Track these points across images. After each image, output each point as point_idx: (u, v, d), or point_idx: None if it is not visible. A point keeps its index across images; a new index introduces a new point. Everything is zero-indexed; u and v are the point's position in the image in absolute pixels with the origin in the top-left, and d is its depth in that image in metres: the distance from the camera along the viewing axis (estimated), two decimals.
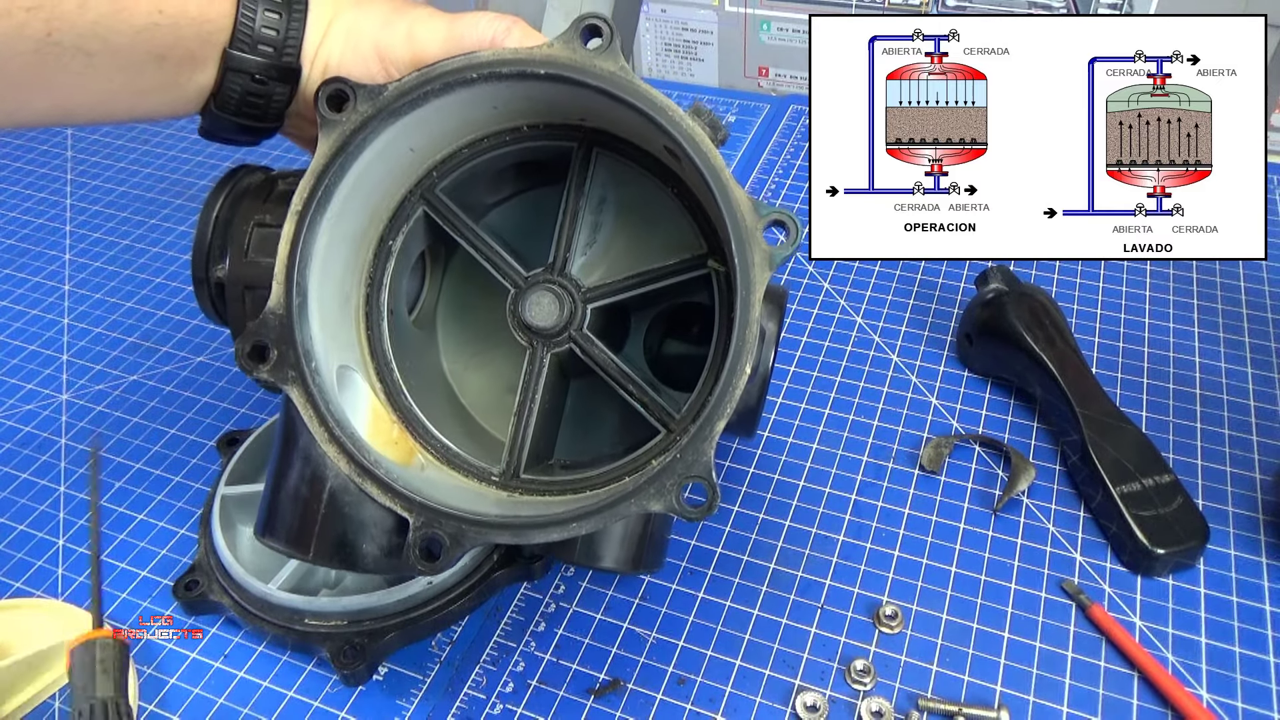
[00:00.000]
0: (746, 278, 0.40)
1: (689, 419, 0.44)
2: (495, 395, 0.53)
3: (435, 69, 0.42)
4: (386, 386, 0.46)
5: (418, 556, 0.41)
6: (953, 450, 0.66)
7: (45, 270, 0.86)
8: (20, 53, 0.37)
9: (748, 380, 0.39)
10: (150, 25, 0.40)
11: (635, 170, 0.47)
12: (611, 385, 0.46)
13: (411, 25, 0.44)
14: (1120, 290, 0.79)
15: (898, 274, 0.82)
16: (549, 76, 0.41)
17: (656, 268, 0.46)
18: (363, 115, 0.42)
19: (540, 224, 0.52)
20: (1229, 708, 0.52)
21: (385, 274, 0.47)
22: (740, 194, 0.40)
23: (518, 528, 0.40)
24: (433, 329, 0.53)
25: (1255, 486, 0.63)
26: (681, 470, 0.39)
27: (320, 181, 0.41)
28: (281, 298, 0.41)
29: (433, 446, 0.46)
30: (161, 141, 1.03)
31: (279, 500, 0.43)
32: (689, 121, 0.41)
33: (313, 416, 0.41)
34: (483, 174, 0.48)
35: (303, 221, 0.41)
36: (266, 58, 0.44)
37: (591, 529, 0.40)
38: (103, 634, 0.48)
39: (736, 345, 0.40)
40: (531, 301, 0.46)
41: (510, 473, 0.45)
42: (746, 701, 0.52)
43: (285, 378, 0.41)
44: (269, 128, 0.47)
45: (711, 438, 0.39)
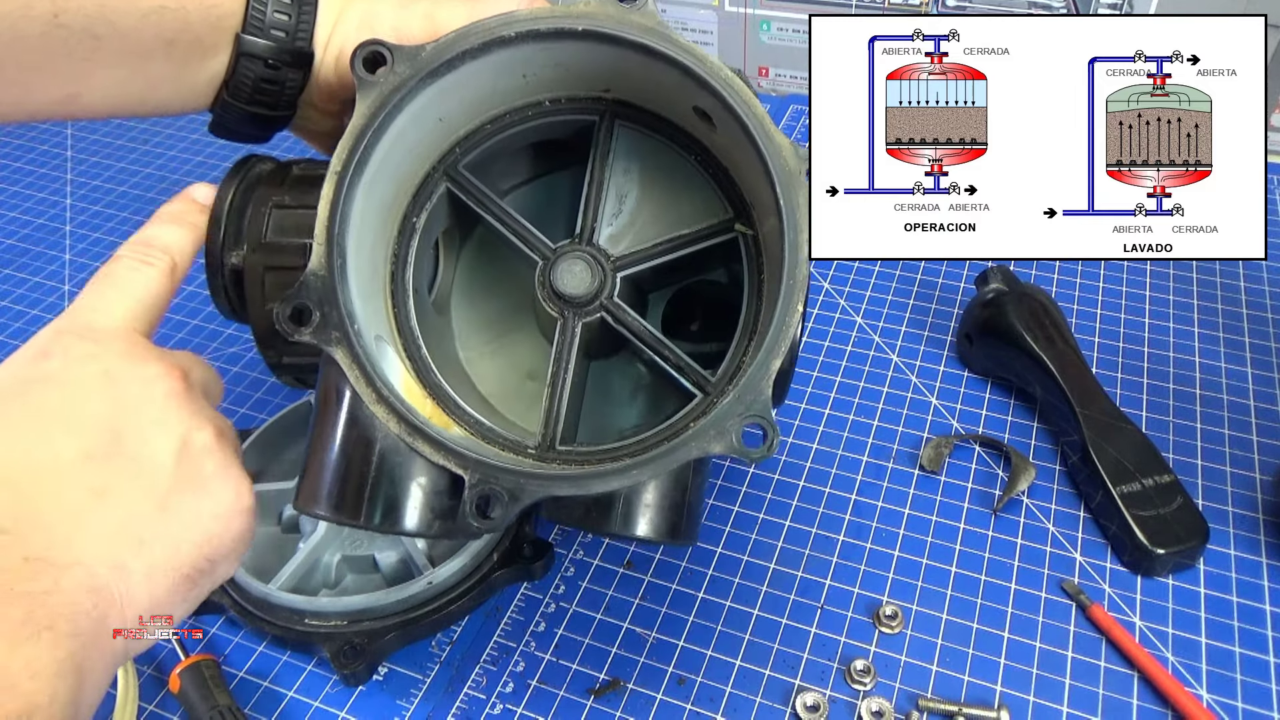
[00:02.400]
0: (794, 219, 0.40)
1: (725, 380, 0.44)
2: (514, 382, 0.53)
3: (475, 27, 0.42)
4: (415, 363, 0.46)
5: (474, 512, 0.39)
6: (953, 450, 0.66)
7: (45, 270, 0.86)
8: (27, 35, 0.37)
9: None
10: (157, 8, 0.40)
11: (656, 141, 0.48)
12: (644, 353, 0.45)
13: (431, 7, 0.44)
14: (1120, 290, 0.79)
15: (898, 274, 0.82)
16: (587, 34, 0.41)
17: (684, 234, 0.46)
18: (401, 76, 0.41)
19: (552, 207, 0.52)
20: (1229, 708, 0.52)
21: (410, 251, 0.47)
22: (782, 138, 0.41)
23: (577, 479, 0.40)
24: (447, 315, 0.53)
25: (1255, 486, 0.63)
26: (741, 410, 0.39)
27: (360, 141, 0.41)
28: (324, 258, 0.40)
29: (465, 421, 0.45)
30: (161, 141, 1.03)
31: (323, 468, 0.42)
32: (727, 71, 0.41)
33: (359, 377, 0.40)
34: (501, 153, 0.48)
35: (343, 181, 0.41)
36: (279, 42, 0.44)
37: (654, 475, 0.40)
38: (203, 658, 0.54)
39: (788, 284, 0.40)
40: (563, 269, 0.45)
41: (547, 444, 0.45)
42: (746, 701, 0.52)
43: (329, 339, 0.40)
44: (281, 116, 0.47)
45: (769, 376, 0.39)
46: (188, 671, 0.52)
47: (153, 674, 0.54)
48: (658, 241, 0.47)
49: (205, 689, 0.52)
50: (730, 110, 0.41)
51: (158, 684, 0.54)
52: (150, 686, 0.54)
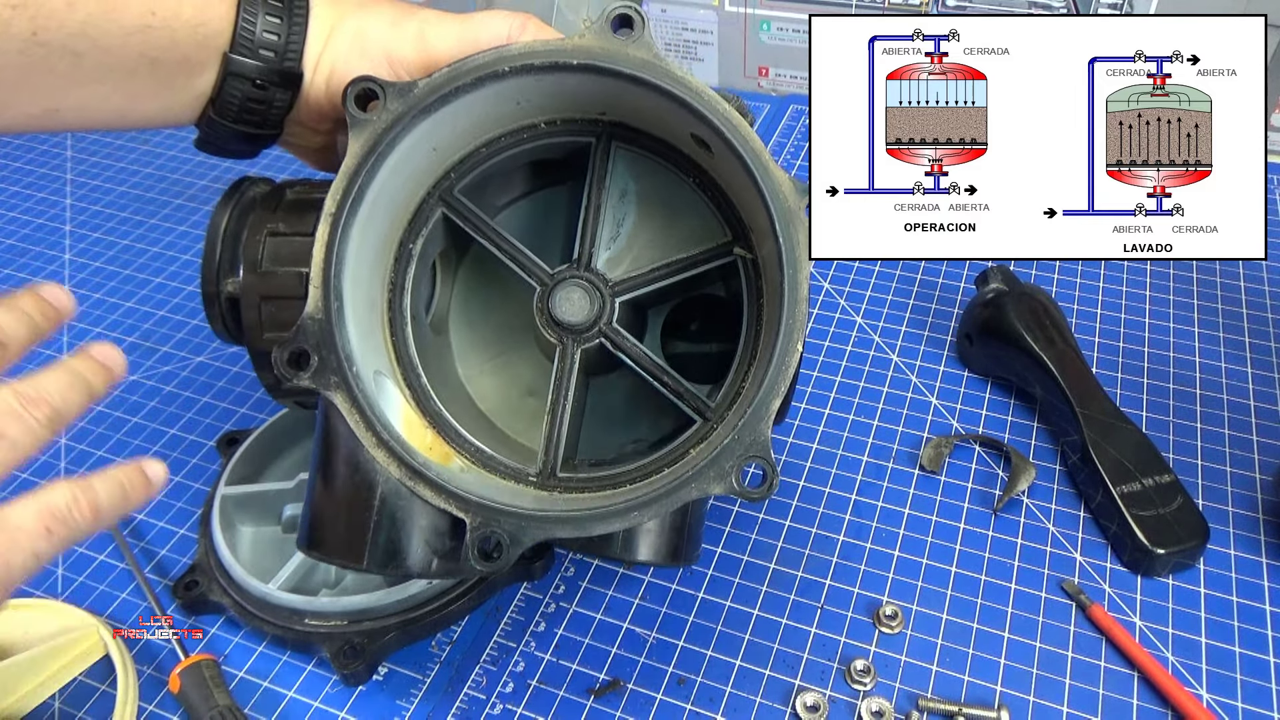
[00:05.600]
0: (793, 256, 0.40)
1: (724, 406, 0.44)
2: (514, 399, 0.53)
3: (467, 63, 0.41)
4: (415, 392, 0.46)
5: (476, 557, 0.40)
6: (953, 450, 0.66)
7: (45, 270, 0.86)
8: (5, 52, 0.36)
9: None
10: (142, 27, 0.39)
11: (655, 162, 0.47)
12: (642, 378, 0.45)
13: (422, 27, 0.44)
14: (1120, 290, 0.79)
15: (898, 274, 0.82)
16: (583, 68, 0.41)
17: (683, 258, 0.46)
18: (394, 113, 0.41)
19: (548, 225, 0.52)
20: (1229, 708, 0.52)
21: (406, 278, 0.47)
22: (781, 174, 0.41)
23: (578, 520, 0.40)
24: (445, 335, 0.53)
25: (1255, 486, 0.63)
26: (740, 451, 0.39)
27: (354, 182, 0.41)
28: (320, 302, 0.40)
29: (466, 450, 0.46)
30: (161, 141, 1.03)
31: (325, 512, 0.43)
32: (725, 104, 0.41)
33: (359, 422, 0.40)
34: (497, 174, 0.48)
35: (337, 224, 0.41)
36: (267, 62, 0.43)
37: (653, 517, 0.40)
38: (203, 658, 0.54)
39: (788, 324, 0.40)
40: (561, 297, 0.45)
41: (547, 472, 0.45)
42: (746, 701, 0.52)
43: (328, 383, 0.40)
44: (268, 135, 0.47)
45: (768, 417, 0.39)
46: (188, 671, 0.52)
47: (153, 674, 0.54)
48: (656, 266, 0.46)
49: (205, 689, 0.51)
50: (728, 145, 0.41)
51: (158, 684, 0.54)
52: (150, 686, 0.54)
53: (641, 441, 0.50)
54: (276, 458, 0.65)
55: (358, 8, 0.45)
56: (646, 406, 0.51)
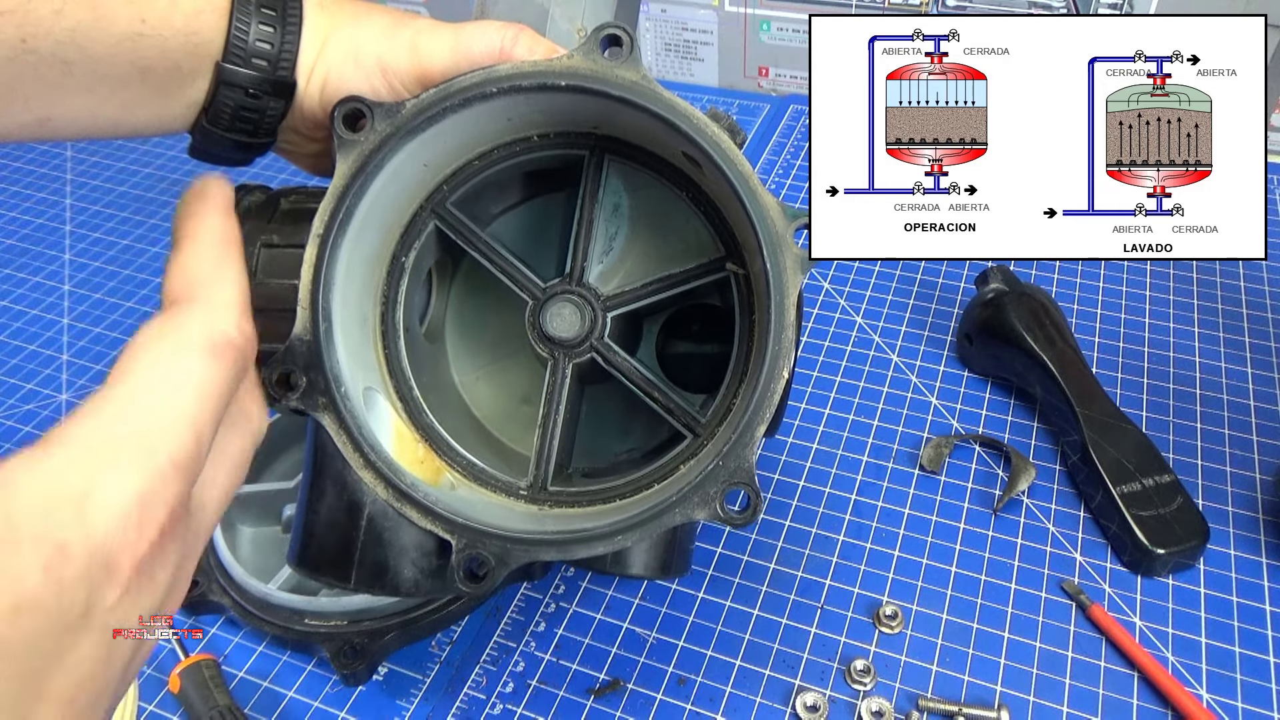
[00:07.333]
0: (780, 281, 0.40)
1: (715, 422, 0.44)
2: (509, 406, 0.53)
3: (454, 84, 0.41)
4: (407, 405, 0.46)
5: (462, 578, 0.40)
6: (953, 450, 0.66)
7: (45, 270, 0.86)
8: None
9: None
10: (132, 35, 0.39)
11: (647, 176, 0.47)
12: (634, 392, 0.45)
13: (415, 37, 0.44)
14: (1120, 290, 0.79)
15: (898, 274, 0.82)
16: (570, 88, 0.41)
17: (676, 272, 0.46)
18: (381, 134, 0.41)
19: (544, 231, 0.52)
20: (1229, 708, 0.52)
21: (399, 291, 0.46)
22: (769, 198, 0.40)
23: (563, 543, 0.40)
24: (441, 342, 0.53)
25: (1255, 486, 0.63)
26: (724, 477, 0.39)
27: (341, 203, 0.41)
28: (308, 323, 0.41)
29: (458, 463, 0.46)
30: (161, 141, 1.03)
31: (314, 531, 0.43)
32: (714, 127, 0.40)
33: (346, 443, 0.40)
34: (490, 185, 0.48)
35: (325, 245, 0.41)
36: (260, 71, 0.43)
37: (637, 540, 0.40)
38: (203, 658, 0.54)
39: (774, 350, 0.40)
40: (552, 313, 0.45)
41: (538, 486, 0.45)
42: (746, 701, 0.52)
43: (316, 405, 0.40)
44: (262, 143, 0.47)
45: (753, 443, 0.39)
46: (188, 671, 0.52)
47: (153, 674, 0.54)
48: (648, 281, 0.46)
49: (205, 689, 0.52)
50: (717, 168, 0.40)
51: (158, 684, 0.54)
52: (150, 686, 0.54)
53: (636, 450, 0.50)
54: (276, 458, 0.65)
55: (351, 17, 0.45)
56: (641, 414, 0.51)
